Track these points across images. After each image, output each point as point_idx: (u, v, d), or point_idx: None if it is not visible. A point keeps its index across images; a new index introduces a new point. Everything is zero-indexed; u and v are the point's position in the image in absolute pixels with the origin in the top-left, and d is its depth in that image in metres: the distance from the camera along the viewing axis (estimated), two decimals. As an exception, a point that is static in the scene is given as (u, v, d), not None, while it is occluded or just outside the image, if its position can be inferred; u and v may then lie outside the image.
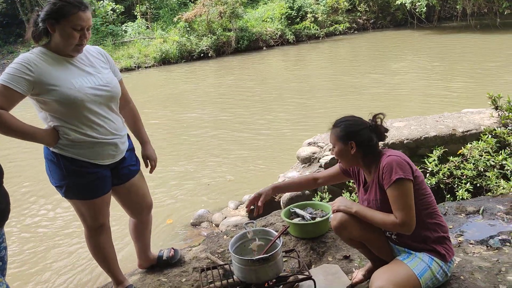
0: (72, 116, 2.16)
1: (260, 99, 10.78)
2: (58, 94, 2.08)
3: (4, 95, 1.99)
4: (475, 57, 13.11)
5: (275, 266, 2.28)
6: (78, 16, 2.08)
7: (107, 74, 2.31)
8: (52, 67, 2.11)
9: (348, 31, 20.78)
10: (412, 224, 2.00)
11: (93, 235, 2.43)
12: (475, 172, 4.27)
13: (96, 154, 2.25)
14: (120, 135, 2.35)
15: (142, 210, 2.64)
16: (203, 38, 18.01)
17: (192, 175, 6.58)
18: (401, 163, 2.02)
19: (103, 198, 2.35)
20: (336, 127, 2.19)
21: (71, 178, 2.24)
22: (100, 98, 2.22)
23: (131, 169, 2.47)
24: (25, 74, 2.02)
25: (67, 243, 5.00)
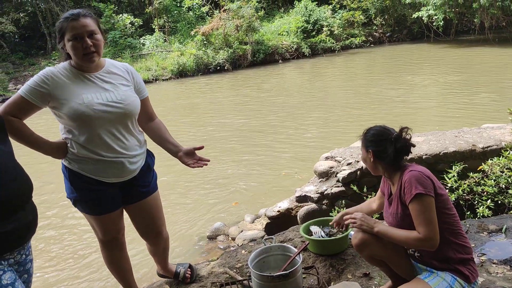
0: (80, 131, 2.17)
1: (276, 112, 10.80)
2: (67, 108, 2.12)
3: (18, 104, 2.10)
4: (494, 71, 12.97)
5: (295, 283, 2.27)
6: (70, 27, 2.12)
7: (124, 91, 2.27)
8: (69, 81, 2.15)
9: (364, 44, 20.79)
10: (436, 239, 1.98)
11: (106, 248, 2.46)
12: (496, 188, 4.20)
13: (99, 171, 2.23)
14: (128, 155, 2.28)
15: (150, 233, 2.58)
16: (219, 51, 18.19)
17: (208, 188, 6.59)
18: (421, 179, 2.01)
19: (110, 216, 2.33)
20: (363, 135, 2.28)
21: (78, 192, 2.26)
22: (110, 115, 2.19)
23: (141, 191, 2.41)
24: (40, 87, 2.10)
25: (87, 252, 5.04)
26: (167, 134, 2.56)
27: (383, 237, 2.13)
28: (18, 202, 1.75)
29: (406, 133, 2.17)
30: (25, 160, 2.07)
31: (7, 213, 1.68)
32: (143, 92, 2.43)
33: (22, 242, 1.80)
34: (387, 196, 2.28)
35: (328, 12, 20.64)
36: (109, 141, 2.20)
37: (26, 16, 20.78)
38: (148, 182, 2.44)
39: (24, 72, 19.01)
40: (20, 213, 1.75)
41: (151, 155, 2.52)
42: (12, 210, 1.71)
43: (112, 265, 2.52)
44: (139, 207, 2.44)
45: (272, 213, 5.11)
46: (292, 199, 5.14)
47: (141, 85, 2.44)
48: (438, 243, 1.99)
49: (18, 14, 20.52)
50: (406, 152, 2.17)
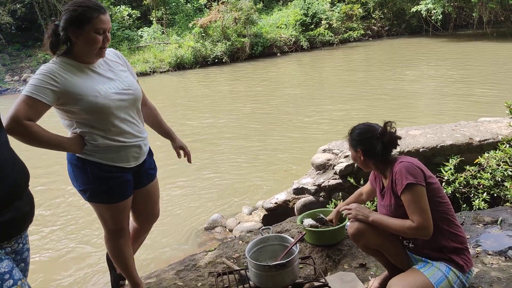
0: (99, 123, 2.17)
1: (273, 105, 10.80)
2: (85, 103, 2.10)
3: (31, 106, 1.98)
4: (492, 65, 12.99)
5: (292, 272, 2.28)
6: (100, 20, 2.09)
7: (127, 77, 2.33)
8: (76, 77, 2.11)
9: (362, 38, 20.77)
10: (430, 227, 2.01)
11: (113, 238, 2.45)
12: (492, 181, 4.22)
13: (121, 158, 2.27)
14: (143, 137, 2.38)
15: (150, 218, 2.65)
16: (217, 44, 18.13)
17: (206, 180, 6.60)
18: (411, 169, 2.05)
19: (126, 201, 2.38)
20: (349, 134, 2.30)
21: (97, 183, 2.25)
22: (125, 103, 2.25)
23: (149, 173, 2.49)
24: (50, 85, 2.02)
25: (84, 245, 5.05)
26: (161, 119, 2.66)
27: (378, 226, 2.16)
28: (16, 191, 1.75)
29: (391, 127, 2.20)
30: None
31: (5, 203, 1.68)
32: (134, 75, 2.46)
33: (19, 231, 1.80)
34: (379, 189, 2.31)
35: (326, 5, 20.59)
36: (126, 127, 2.26)
37: (23, 7, 20.64)
38: (153, 164, 2.54)
39: (21, 64, 18.94)
40: (18, 202, 1.74)
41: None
42: (10, 200, 1.71)
43: (118, 256, 2.52)
44: (147, 190, 2.50)
45: (270, 205, 5.13)
46: (289, 191, 5.15)
47: (131, 69, 2.47)
48: (432, 231, 2.02)
49: (15, 5, 20.39)
50: (394, 145, 2.20)
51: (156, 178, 2.59)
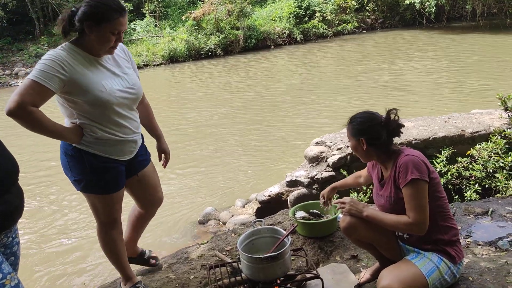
0: (99, 116, 2.18)
1: (267, 98, 10.79)
2: (90, 96, 2.10)
3: (36, 92, 1.97)
4: (485, 57, 13.03)
5: (283, 264, 2.29)
6: (118, 22, 2.09)
7: (132, 76, 2.34)
8: (84, 68, 2.11)
9: (356, 30, 20.74)
10: (426, 224, 2.00)
11: (105, 230, 2.45)
12: (484, 173, 4.25)
13: (118, 151, 2.30)
14: (139, 133, 2.41)
15: (154, 202, 2.66)
16: (211, 36, 18.04)
17: (199, 173, 6.60)
18: (418, 164, 2.01)
19: (119, 193, 2.39)
20: (349, 123, 2.22)
21: (93, 173, 2.25)
22: (127, 100, 2.27)
23: (140, 160, 2.50)
24: (58, 73, 2.01)
25: (77, 239, 5.04)
26: (154, 119, 2.67)
27: (372, 221, 2.15)
28: (5, 184, 1.74)
29: (395, 114, 2.15)
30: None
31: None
32: (136, 71, 2.47)
33: (9, 224, 1.79)
34: (378, 179, 2.28)
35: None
36: (126, 123, 2.28)
37: (14, 0, 20.40)
38: (144, 150, 2.55)
39: (12, 58, 18.75)
40: (7, 195, 1.73)
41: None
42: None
43: (110, 248, 2.51)
44: (142, 176, 2.51)
45: (263, 197, 5.13)
46: (282, 184, 5.16)
47: (134, 65, 2.48)
48: (427, 228, 2.01)
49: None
50: (397, 133, 2.16)
51: (151, 163, 2.59)
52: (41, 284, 4.26)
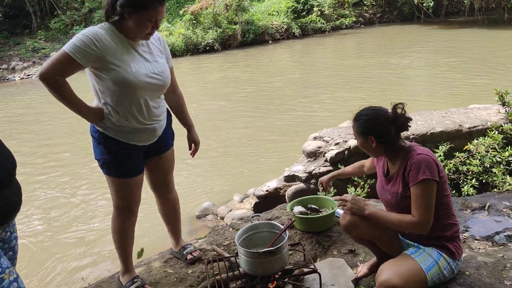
0: (121, 98, 2.23)
1: (266, 93, 10.77)
2: (116, 74, 2.17)
3: (66, 64, 2.09)
4: (483, 52, 13.03)
5: (281, 259, 2.29)
6: (157, 11, 2.15)
7: (162, 64, 2.38)
8: (117, 47, 2.18)
9: (354, 25, 20.71)
10: (429, 224, 1.99)
11: (118, 215, 2.51)
12: (481, 168, 4.26)
13: (135, 137, 2.34)
14: (159, 120, 2.42)
15: (163, 186, 2.70)
16: (209, 31, 17.99)
17: (197, 169, 6.60)
18: (430, 163, 1.99)
19: (136, 179, 2.43)
20: (356, 121, 2.16)
21: (111, 157, 2.34)
22: (152, 86, 2.30)
23: (162, 145, 2.55)
24: (90, 49, 2.10)
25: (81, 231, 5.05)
26: (185, 110, 2.73)
27: (374, 220, 2.13)
28: (3, 180, 1.73)
29: (402, 108, 2.12)
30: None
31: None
32: (170, 62, 2.52)
33: (7, 219, 1.79)
34: (383, 173, 2.25)
35: (318, -8, 20.47)
36: (145, 109, 2.30)
37: (11, -6, 20.32)
38: (168, 137, 2.59)
39: (9, 52, 18.67)
40: (6, 191, 1.73)
41: (170, 114, 2.64)
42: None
43: (119, 236, 2.56)
44: (160, 159, 2.57)
45: (261, 192, 5.14)
46: (280, 179, 5.17)
47: (169, 56, 2.52)
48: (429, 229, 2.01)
49: (2, -8, 20.04)
50: (406, 127, 2.12)
51: (171, 149, 2.64)
52: (44, 274, 4.27)
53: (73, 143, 8.27)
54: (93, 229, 5.11)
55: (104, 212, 5.44)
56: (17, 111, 11.51)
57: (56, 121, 9.88)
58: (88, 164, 6.94)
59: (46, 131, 9.37)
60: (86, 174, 6.72)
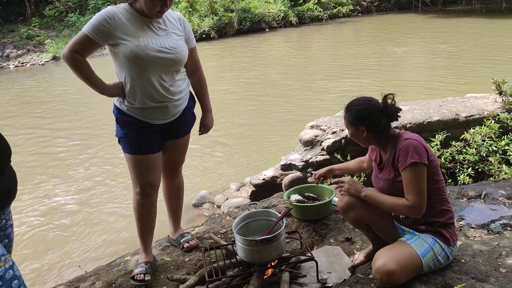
0: (132, 73, 2.31)
1: (262, 81, 10.74)
2: (124, 48, 2.26)
3: (83, 43, 2.25)
4: (480, 41, 13.01)
5: (278, 246, 2.30)
6: None
7: (176, 40, 2.41)
8: (129, 23, 2.28)
9: (351, 13, 20.62)
10: (423, 207, 2.02)
11: (135, 194, 2.56)
12: (477, 157, 4.27)
13: (146, 114, 2.40)
14: (173, 99, 2.44)
15: (171, 168, 2.73)
16: (205, 19, 17.86)
17: (194, 156, 6.58)
18: (418, 147, 2.02)
19: (149, 157, 2.47)
20: (347, 112, 2.20)
21: (126, 133, 2.44)
22: (162, 61, 2.33)
23: (180, 130, 2.59)
24: (103, 26, 2.23)
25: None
26: (205, 92, 2.76)
27: (370, 202, 2.16)
28: (-2, 166, 1.72)
29: (392, 99, 2.14)
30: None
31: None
32: (191, 42, 2.57)
33: (3, 206, 1.78)
34: (377, 162, 2.28)
35: (316, -20, 20.33)
36: (157, 84, 2.35)
37: (4, -20, 20.07)
38: (187, 123, 2.63)
39: (3, 40, 18.48)
40: (1, 177, 1.72)
41: (193, 100, 2.69)
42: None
43: (136, 214, 2.61)
44: (172, 144, 2.62)
45: (257, 181, 5.15)
46: (277, 167, 5.17)
47: (190, 35, 2.57)
48: (424, 211, 2.03)
49: (-4, -22, 19.79)
50: (396, 118, 2.15)
51: (187, 136, 2.68)
52: (41, 262, 4.28)
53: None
54: (95, 215, 5.12)
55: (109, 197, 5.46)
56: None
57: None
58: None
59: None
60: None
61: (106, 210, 5.20)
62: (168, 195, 2.85)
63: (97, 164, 6.60)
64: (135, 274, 2.50)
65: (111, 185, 5.85)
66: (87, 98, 9.64)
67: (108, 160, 6.66)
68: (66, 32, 18.50)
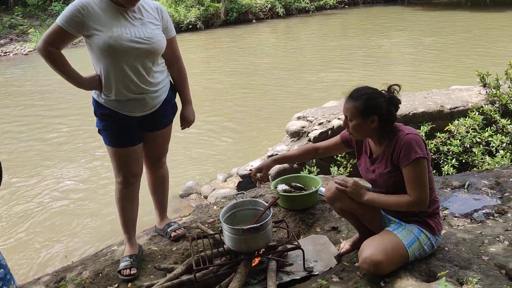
0: (107, 64, 2.26)
1: (249, 72, 10.71)
2: (98, 39, 2.21)
3: (57, 35, 2.20)
4: (465, 34, 13.14)
5: (265, 235, 2.31)
6: None
7: (153, 30, 2.35)
8: (102, 13, 2.23)
9: (338, 5, 20.60)
10: (427, 200, 2.02)
11: (117, 185, 2.56)
12: (461, 148, 4.34)
13: (124, 107, 2.36)
14: (150, 90, 2.39)
15: (154, 159, 2.70)
16: (191, 9, 17.67)
17: (180, 147, 6.56)
18: (419, 142, 2.02)
19: (131, 150, 2.46)
20: (355, 100, 2.07)
21: (105, 125, 2.42)
22: (136, 51, 2.28)
23: (159, 122, 2.55)
24: (76, 16, 2.18)
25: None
26: (185, 84, 2.71)
27: (372, 204, 2.15)
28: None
29: (398, 91, 2.12)
30: None
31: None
32: (170, 32, 2.52)
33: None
34: (367, 154, 2.25)
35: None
36: (133, 76, 2.30)
37: (-15, -33, 19.59)
38: (167, 114, 2.59)
39: (-14, 29, 18.07)
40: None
41: (174, 90, 2.65)
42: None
43: (118, 205, 2.61)
44: (153, 135, 2.59)
45: (244, 171, 5.16)
46: (264, 158, 5.18)
47: (169, 25, 2.51)
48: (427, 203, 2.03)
49: (-24, -35, 19.31)
50: (397, 110, 2.14)
51: (169, 127, 2.64)
52: (28, 252, 4.25)
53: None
54: (81, 205, 5.08)
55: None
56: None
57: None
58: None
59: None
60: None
61: (92, 200, 5.17)
62: (153, 186, 2.83)
63: (82, 154, 6.54)
64: (121, 269, 2.50)
65: (98, 176, 5.81)
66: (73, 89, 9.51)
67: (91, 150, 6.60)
68: (50, 22, 18.14)
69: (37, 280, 2.64)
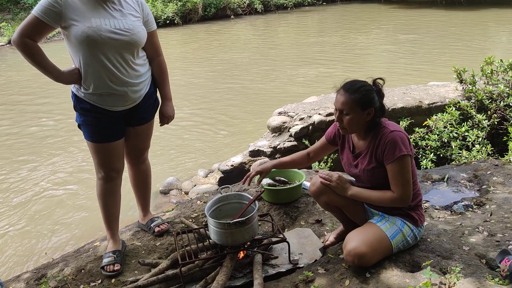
0: (86, 56, 2.20)
1: (228, 68, 10.67)
2: (76, 30, 2.15)
3: (34, 26, 2.12)
4: (441, 32, 13.39)
5: (251, 229, 2.31)
6: None
7: (132, 22, 2.31)
8: (81, 3, 2.17)
9: (316, 2, 20.72)
10: (410, 197, 2.05)
11: (98, 180, 2.51)
12: (439, 143, 4.43)
13: (104, 101, 2.31)
14: (131, 83, 2.35)
15: (135, 154, 2.67)
16: (169, 4, 17.47)
17: (160, 143, 6.50)
18: (404, 139, 2.03)
19: (112, 145, 2.42)
20: (352, 93, 2.05)
21: (83, 118, 2.36)
22: (116, 42, 2.22)
23: (141, 117, 2.52)
24: (53, 6, 2.10)
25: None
26: (165, 79, 2.64)
27: (356, 199, 2.18)
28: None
29: (381, 85, 2.15)
30: None
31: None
32: (151, 24, 2.48)
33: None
34: (351, 149, 2.26)
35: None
36: (113, 68, 2.25)
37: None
38: (149, 109, 2.55)
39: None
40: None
41: (155, 85, 2.61)
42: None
43: (100, 200, 2.57)
44: (135, 130, 2.55)
45: (226, 167, 5.15)
46: (245, 154, 5.18)
47: (150, 17, 2.47)
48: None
49: None
50: None
51: (151, 121, 2.61)
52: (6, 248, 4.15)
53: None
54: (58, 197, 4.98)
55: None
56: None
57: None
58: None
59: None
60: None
61: (74, 196, 5.08)
62: (136, 181, 2.80)
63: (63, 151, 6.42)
64: (104, 264, 2.47)
65: (80, 171, 5.71)
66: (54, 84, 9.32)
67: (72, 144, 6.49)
68: (22, 15, 17.67)
69: (17, 277, 2.58)
